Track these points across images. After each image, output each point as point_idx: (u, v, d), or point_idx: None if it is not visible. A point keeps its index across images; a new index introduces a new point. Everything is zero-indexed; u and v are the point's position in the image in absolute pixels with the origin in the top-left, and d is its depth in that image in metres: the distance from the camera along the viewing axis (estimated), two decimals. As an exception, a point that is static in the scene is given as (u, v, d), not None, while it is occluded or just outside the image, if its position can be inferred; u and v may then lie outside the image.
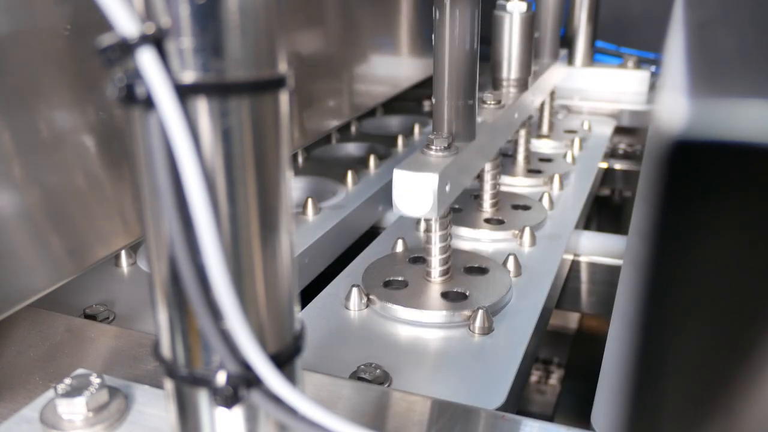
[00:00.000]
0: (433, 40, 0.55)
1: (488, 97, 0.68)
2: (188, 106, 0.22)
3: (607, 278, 0.75)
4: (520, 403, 0.52)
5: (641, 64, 1.27)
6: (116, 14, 0.20)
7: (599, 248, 0.76)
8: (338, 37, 0.86)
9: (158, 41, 0.21)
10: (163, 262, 0.24)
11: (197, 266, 0.23)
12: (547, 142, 0.98)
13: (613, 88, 1.25)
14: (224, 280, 0.23)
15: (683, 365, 0.24)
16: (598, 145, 1.01)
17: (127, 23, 0.21)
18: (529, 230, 0.67)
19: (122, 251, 0.62)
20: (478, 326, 0.51)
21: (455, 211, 0.71)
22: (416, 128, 1.04)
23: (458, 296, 0.55)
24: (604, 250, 0.75)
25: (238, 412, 0.25)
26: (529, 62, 0.76)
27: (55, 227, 0.46)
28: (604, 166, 1.04)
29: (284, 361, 0.25)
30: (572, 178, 0.87)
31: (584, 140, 1.00)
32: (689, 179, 0.21)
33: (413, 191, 0.49)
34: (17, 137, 0.43)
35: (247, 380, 0.24)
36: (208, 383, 0.25)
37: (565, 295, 0.75)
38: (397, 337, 0.52)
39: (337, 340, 0.51)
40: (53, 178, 0.46)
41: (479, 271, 0.59)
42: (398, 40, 1.04)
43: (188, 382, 0.25)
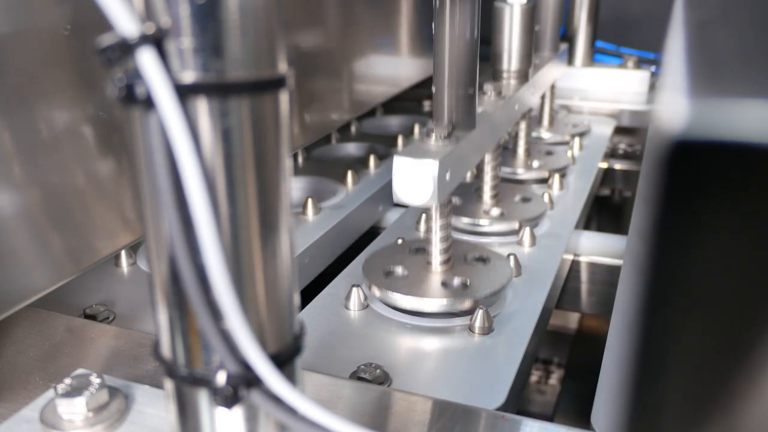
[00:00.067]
0: (433, 28, 0.55)
1: (489, 87, 0.68)
2: (188, 106, 0.22)
3: (607, 278, 0.75)
4: (520, 403, 0.52)
5: (641, 64, 1.27)
6: (116, 14, 0.20)
7: (599, 248, 0.75)
8: (338, 36, 0.86)
9: (158, 41, 0.21)
10: (163, 262, 0.24)
11: (197, 266, 0.23)
12: (547, 134, 0.98)
13: (613, 88, 1.25)
14: (224, 280, 0.23)
15: (683, 365, 0.24)
16: (598, 145, 1.01)
17: (127, 23, 0.21)
18: (529, 230, 0.67)
19: (122, 251, 0.62)
20: (478, 326, 0.51)
21: (455, 203, 0.71)
22: (416, 128, 1.04)
23: (459, 285, 0.55)
24: (604, 250, 0.75)
25: (238, 412, 0.25)
26: (529, 54, 0.76)
27: (55, 227, 0.46)
28: (604, 166, 1.04)
29: (284, 361, 0.25)
30: (572, 178, 0.87)
31: (584, 138, 1.00)
32: (689, 179, 0.21)
33: (413, 178, 0.49)
34: (17, 137, 0.43)
35: (247, 380, 0.24)
36: (208, 383, 0.25)
37: (565, 295, 0.75)
38: (397, 337, 0.52)
39: (337, 340, 0.51)
40: (53, 177, 0.46)
41: (480, 260, 0.59)
42: (398, 40, 1.04)
43: (188, 382, 0.25)
